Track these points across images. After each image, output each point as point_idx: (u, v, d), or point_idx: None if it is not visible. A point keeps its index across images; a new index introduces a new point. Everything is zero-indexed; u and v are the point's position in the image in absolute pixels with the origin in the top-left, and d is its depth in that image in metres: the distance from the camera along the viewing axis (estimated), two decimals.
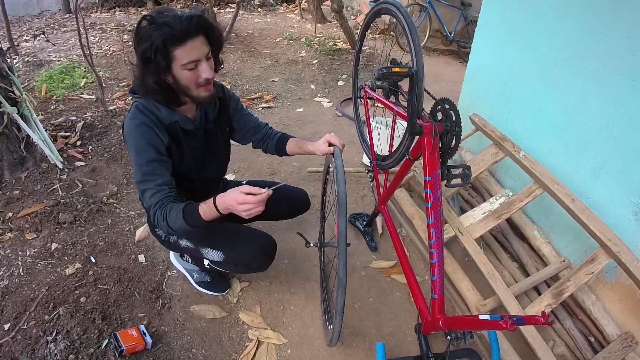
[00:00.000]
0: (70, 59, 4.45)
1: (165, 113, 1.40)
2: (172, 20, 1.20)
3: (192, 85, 1.34)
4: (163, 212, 1.33)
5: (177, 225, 1.32)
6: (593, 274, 1.65)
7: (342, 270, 1.24)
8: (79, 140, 2.83)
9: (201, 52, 1.29)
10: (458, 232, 1.84)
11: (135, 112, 1.37)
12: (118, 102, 3.56)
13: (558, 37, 1.87)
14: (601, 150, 1.73)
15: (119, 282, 1.83)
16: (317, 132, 3.39)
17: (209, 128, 1.58)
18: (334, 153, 1.50)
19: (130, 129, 1.37)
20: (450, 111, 1.33)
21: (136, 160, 1.36)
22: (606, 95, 1.67)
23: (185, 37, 1.23)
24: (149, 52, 1.21)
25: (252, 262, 1.56)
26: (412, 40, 1.38)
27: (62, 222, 2.12)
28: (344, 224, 1.27)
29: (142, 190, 1.37)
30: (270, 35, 5.90)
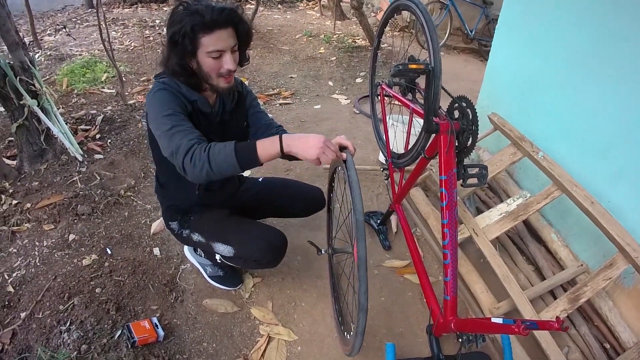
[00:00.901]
0: (92, 54, 4.53)
1: (185, 90, 1.42)
2: (205, 9, 1.26)
3: (213, 73, 1.37)
4: (205, 146, 1.25)
5: (222, 155, 1.23)
6: (611, 280, 1.61)
7: (364, 296, 1.21)
8: (99, 133, 2.89)
9: (227, 44, 1.34)
10: (473, 232, 1.81)
11: (157, 85, 1.41)
12: (138, 97, 3.61)
13: (577, 41, 1.83)
14: (621, 156, 1.69)
15: (133, 274, 1.86)
16: (333, 129, 3.38)
17: (225, 118, 1.59)
18: (347, 163, 1.38)
19: (151, 95, 1.39)
20: (467, 109, 1.31)
21: (162, 113, 1.33)
22: (626, 101, 1.63)
23: (214, 26, 1.28)
24: (177, 35, 1.27)
25: (262, 258, 1.56)
26: (430, 36, 1.36)
27: (80, 213, 2.16)
28: (364, 248, 1.22)
29: (171, 134, 1.29)
30: (289, 31, 5.90)
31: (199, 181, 1.30)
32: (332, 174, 1.73)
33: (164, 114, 1.33)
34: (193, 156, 1.24)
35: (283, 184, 1.97)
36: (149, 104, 1.40)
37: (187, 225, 1.68)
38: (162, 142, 1.33)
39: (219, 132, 1.57)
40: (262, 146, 1.26)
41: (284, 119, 3.53)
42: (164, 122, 1.32)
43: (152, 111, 1.37)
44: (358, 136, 3.27)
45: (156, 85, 1.42)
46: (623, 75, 1.63)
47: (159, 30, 5.59)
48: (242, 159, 1.24)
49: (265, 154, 1.26)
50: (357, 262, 1.22)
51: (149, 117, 1.40)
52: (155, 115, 1.35)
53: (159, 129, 1.34)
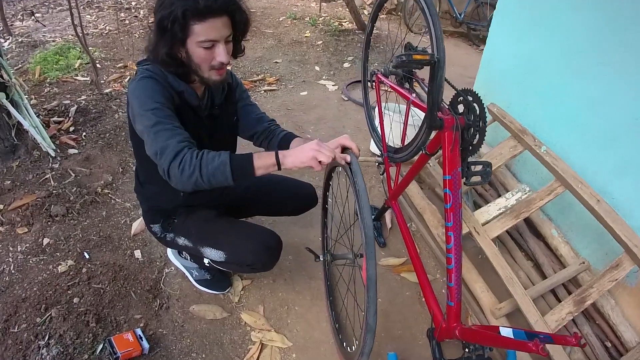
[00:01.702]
0: (66, 39, 4.27)
1: (172, 80, 1.30)
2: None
3: (204, 65, 1.25)
4: (196, 152, 1.16)
5: (215, 164, 1.14)
6: (617, 281, 1.55)
7: (372, 318, 1.12)
8: (72, 125, 2.69)
9: (221, 33, 1.22)
10: (474, 231, 1.73)
11: (141, 72, 1.28)
12: (114, 85, 3.42)
13: (582, 26, 1.74)
14: (627, 147, 1.61)
15: (113, 280, 1.73)
16: (322, 117, 3.25)
17: (214, 113, 1.46)
18: (352, 167, 1.25)
19: (137, 85, 1.25)
20: (473, 104, 1.21)
21: (147, 105, 1.21)
22: (634, 88, 1.55)
23: (207, 13, 1.17)
24: (166, 21, 1.16)
25: (256, 262, 1.46)
26: (433, 23, 1.24)
27: (54, 215, 2.00)
28: (374, 267, 1.12)
29: (157, 131, 1.18)
30: (273, 14, 5.68)
31: (184, 189, 1.19)
32: (330, 172, 1.62)
33: (149, 107, 1.20)
34: (182, 161, 1.14)
35: (272, 181, 1.84)
36: (132, 93, 1.25)
37: (171, 229, 1.55)
38: (146, 140, 1.21)
39: (207, 127, 1.44)
40: (258, 157, 1.19)
41: (269, 107, 3.39)
42: (148, 116, 1.20)
43: (136, 102, 1.23)
44: (348, 125, 3.16)
45: (140, 72, 1.28)
46: (631, 61, 1.54)
47: (135, 13, 5.33)
48: (236, 170, 1.17)
49: (260, 164, 1.18)
50: (367, 282, 1.11)
51: (132, 108, 1.26)
52: (139, 107, 1.22)
53: (142, 123, 1.21)
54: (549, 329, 1.52)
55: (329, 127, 3.12)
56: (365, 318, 1.12)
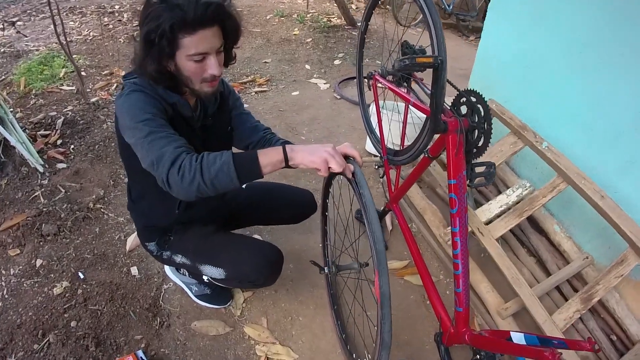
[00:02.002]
0: (50, 48, 4.15)
1: (162, 91, 1.22)
2: (187, 4, 1.06)
3: (195, 78, 1.18)
4: (195, 156, 1.08)
5: (218, 165, 1.06)
6: (622, 277, 1.53)
7: (388, 334, 1.08)
8: (60, 138, 2.61)
9: (212, 45, 1.15)
10: (478, 232, 1.70)
11: (128, 86, 1.20)
12: (100, 93, 3.33)
13: (586, 20, 1.69)
14: (632, 144, 1.58)
15: (111, 300, 1.68)
16: (315, 117, 3.20)
17: (207, 123, 1.40)
18: (357, 178, 1.18)
19: (125, 99, 1.18)
20: (477, 105, 1.17)
21: (138, 118, 1.13)
22: (637, 85, 1.51)
23: (197, 25, 1.09)
24: (153, 34, 1.08)
25: (258, 278, 1.41)
26: (433, 22, 1.20)
27: (45, 234, 1.94)
28: (387, 283, 1.07)
29: (151, 140, 1.10)
30: (259, 12, 5.59)
31: (187, 197, 1.09)
32: (330, 179, 1.57)
33: (141, 119, 1.12)
34: (182, 167, 1.05)
35: (269, 189, 1.79)
36: (120, 109, 1.18)
37: (167, 246, 1.50)
38: (140, 152, 1.12)
39: (201, 138, 1.37)
40: (264, 154, 1.10)
41: (261, 109, 3.33)
42: (140, 128, 1.11)
43: (126, 117, 1.15)
44: (342, 124, 3.11)
45: (128, 87, 1.20)
46: (636, 58, 1.51)
47: (119, 17, 5.22)
48: (241, 169, 1.07)
49: (267, 161, 1.09)
50: (380, 299, 1.07)
51: (121, 125, 1.18)
52: (129, 122, 1.14)
53: (134, 136, 1.13)
54: (557, 328, 1.50)
55: (323, 127, 3.06)
56: (380, 334, 1.09)
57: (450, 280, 1.90)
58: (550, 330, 1.48)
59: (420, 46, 1.57)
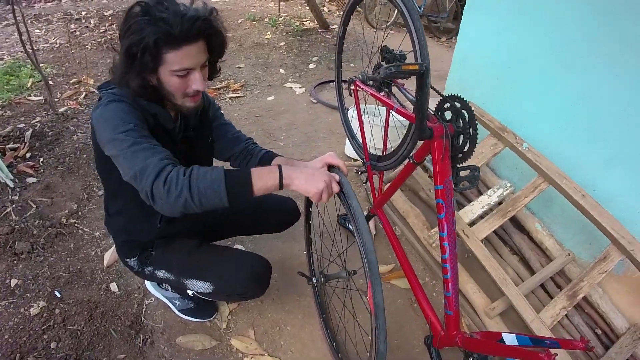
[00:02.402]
0: (15, 57, 4.00)
1: (144, 102, 1.17)
2: (172, 17, 1.02)
3: (178, 93, 1.15)
4: (182, 169, 1.03)
5: (207, 181, 1.01)
6: (606, 273, 1.57)
7: (383, 344, 1.07)
8: (29, 151, 2.49)
9: (196, 60, 1.11)
10: (463, 234, 1.72)
11: (106, 96, 1.14)
12: (69, 102, 3.22)
13: (563, 18, 1.72)
14: (615, 140, 1.62)
15: (90, 319, 1.61)
16: (292, 122, 3.18)
17: (189, 135, 1.35)
18: (344, 189, 1.15)
19: (103, 110, 1.11)
20: (462, 110, 1.18)
21: (118, 129, 1.06)
22: (621, 81, 1.55)
23: (183, 41, 1.05)
24: (135, 48, 1.03)
25: (246, 291, 1.38)
26: (415, 29, 1.20)
27: (19, 252, 1.84)
28: (380, 293, 1.05)
29: (133, 152, 1.04)
30: (230, 16, 5.53)
31: (172, 213, 1.03)
32: None
33: (122, 130, 1.06)
34: (168, 180, 1.00)
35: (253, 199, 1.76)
36: (98, 120, 1.11)
37: (149, 262, 1.44)
38: (123, 163, 1.06)
39: (183, 151, 1.32)
40: (258, 175, 1.05)
41: (237, 115, 3.29)
42: (122, 139, 1.05)
43: (106, 128, 1.08)
44: (320, 128, 3.10)
45: (106, 97, 1.14)
46: (618, 54, 1.54)
47: (86, 23, 5.07)
48: (232, 188, 1.02)
49: (261, 184, 1.05)
50: (374, 309, 1.05)
51: (101, 137, 1.11)
52: (110, 133, 1.07)
53: (115, 147, 1.06)
54: (545, 326, 1.52)
55: (301, 132, 3.05)
56: (376, 345, 1.08)
57: (437, 282, 1.91)
58: (539, 328, 1.50)
59: (401, 51, 1.57)
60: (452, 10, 5.72)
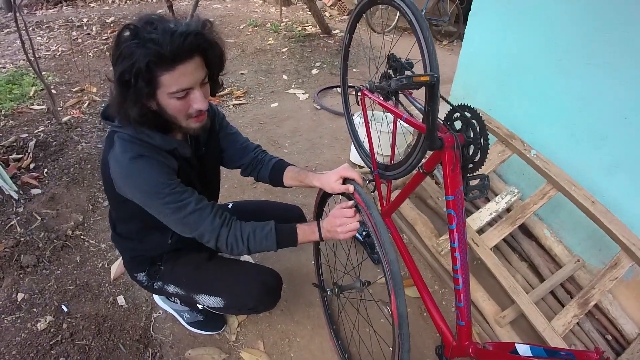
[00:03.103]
0: (17, 65, 4.00)
1: (160, 140, 1.14)
2: (161, 37, 0.96)
3: (180, 115, 1.09)
4: (237, 232, 1.20)
5: (263, 246, 1.22)
6: (616, 279, 1.56)
7: (407, 354, 1.08)
8: (33, 162, 2.49)
9: (194, 79, 1.05)
10: (472, 242, 1.70)
11: (123, 145, 1.11)
12: (72, 111, 3.22)
13: (566, 24, 1.71)
14: (617, 145, 1.61)
15: (98, 334, 1.60)
16: (296, 129, 3.17)
17: (201, 153, 1.34)
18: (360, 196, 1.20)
19: (126, 168, 1.10)
20: (472, 120, 1.16)
21: (156, 195, 1.11)
22: (624, 88, 1.54)
23: (176, 60, 0.99)
24: (128, 75, 0.97)
25: (258, 306, 1.38)
26: (425, 39, 1.18)
27: (25, 265, 1.83)
28: (404, 303, 1.06)
29: (181, 218, 1.15)
30: (232, 22, 5.53)
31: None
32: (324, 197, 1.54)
33: (157, 199, 1.12)
34: (228, 244, 1.19)
35: (257, 208, 1.74)
36: (123, 181, 1.12)
37: (158, 277, 1.43)
38: (172, 225, 1.19)
39: (197, 169, 1.32)
40: (303, 234, 1.24)
41: (240, 122, 3.28)
42: (160, 210, 1.15)
43: (134, 192, 1.13)
44: (324, 135, 3.09)
45: (120, 146, 1.11)
46: (620, 61, 1.53)
47: (88, 30, 5.07)
48: (281, 244, 1.23)
49: (305, 240, 1.26)
50: (398, 320, 1.06)
51: (126, 193, 1.15)
52: (142, 199, 1.14)
53: (159, 214, 1.17)
54: (557, 334, 1.51)
55: (305, 139, 3.03)
56: (399, 355, 1.08)
57: (446, 291, 1.90)
58: (551, 336, 1.49)
59: (408, 59, 1.56)
60: (454, 13, 5.72)
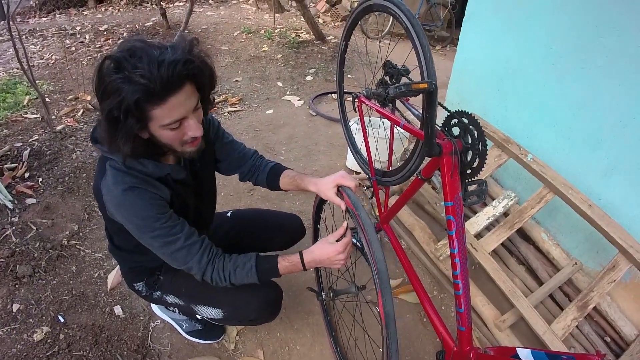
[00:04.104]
0: (11, 73, 3.98)
1: (152, 167, 1.11)
2: (147, 70, 0.89)
3: (175, 143, 1.06)
4: (221, 271, 1.20)
5: (245, 281, 1.22)
6: (615, 282, 1.56)
7: (395, 354, 1.06)
8: (27, 171, 2.47)
9: (186, 108, 1.00)
10: (471, 247, 1.71)
11: (115, 176, 1.07)
12: (66, 120, 3.19)
13: (561, 30, 1.73)
14: (613, 149, 1.63)
15: (95, 344, 1.58)
16: (292, 136, 3.16)
17: (196, 169, 1.31)
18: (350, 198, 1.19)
19: (118, 199, 1.07)
20: (470, 126, 1.17)
21: (146, 228, 1.11)
22: (618, 92, 1.56)
23: (167, 93, 0.93)
24: (117, 112, 0.92)
25: (259, 318, 1.37)
26: (421, 46, 1.19)
27: (20, 276, 1.81)
28: (391, 303, 1.06)
29: (170, 253, 1.16)
30: (226, 29, 5.54)
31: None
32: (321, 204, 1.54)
33: (147, 232, 1.11)
34: (213, 279, 1.21)
35: (256, 217, 1.73)
36: (115, 210, 1.10)
37: (157, 286, 1.42)
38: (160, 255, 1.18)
39: (193, 187, 1.30)
40: (284, 269, 1.23)
41: (236, 129, 3.27)
42: (149, 242, 1.14)
43: (126, 223, 1.12)
44: (320, 141, 3.09)
45: (113, 176, 1.07)
46: (613, 65, 1.55)
47: (81, 38, 5.06)
48: (263, 277, 1.23)
49: (286, 272, 1.24)
50: (384, 319, 1.05)
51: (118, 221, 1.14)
52: (133, 230, 1.13)
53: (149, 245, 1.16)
54: (556, 337, 1.51)
55: (301, 145, 3.03)
56: (388, 356, 1.07)
57: (445, 296, 1.90)
58: (551, 340, 1.49)
59: (404, 66, 1.57)
60: (446, 18, 5.77)
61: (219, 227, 1.64)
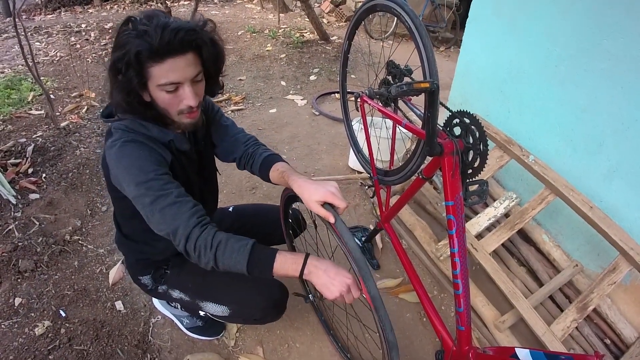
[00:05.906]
0: (16, 70, 4.00)
1: (156, 132, 1.15)
2: (153, 30, 0.98)
3: (171, 109, 1.11)
4: (210, 238, 1.06)
5: (232, 260, 1.06)
6: (615, 284, 1.56)
7: (391, 334, 1.05)
8: (31, 167, 2.48)
9: (184, 74, 1.06)
10: (472, 247, 1.71)
11: (119, 133, 1.12)
12: (71, 117, 3.21)
13: (563, 33, 1.73)
14: (615, 152, 1.63)
15: (96, 339, 1.59)
16: (295, 135, 3.17)
17: (200, 148, 1.33)
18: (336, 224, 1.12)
19: (118, 150, 1.10)
20: (472, 126, 1.18)
21: (138, 179, 1.07)
22: (620, 95, 1.56)
23: (165, 53, 1.01)
24: (120, 63, 1.01)
25: (264, 317, 1.37)
26: (424, 46, 1.20)
27: (22, 270, 1.82)
28: (374, 286, 1.05)
29: (160, 208, 1.07)
30: (231, 28, 5.55)
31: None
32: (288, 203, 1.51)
33: (142, 180, 1.07)
34: (197, 247, 1.06)
35: (257, 212, 1.75)
36: (116, 163, 1.10)
37: (163, 281, 1.42)
38: (149, 217, 1.10)
39: (197, 165, 1.32)
40: (281, 263, 1.08)
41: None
42: (144, 193, 1.07)
43: (125, 175, 1.09)
44: (322, 141, 3.09)
45: (116, 134, 1.12)
46: (616, 69, 1.55)
47: (86, 36, 5.08)
48: (253, 269, 1.08)
49: (282, 272, 1.09)
50: (372, 303, 1.04)
51: (117, 180, 1.12)
52: (131, 183, 1.08)
53: (139, 202, 1.09)
54: (556, 338, 1.51)
55: (304, 145, 3.04)
56: (384, 336, 1.07)
57: (445, 296, 1.90)
58: (550, 341, 1.49)
59: (407, 65, 1.57)
60: (450, 19, 5.76)
61: (221, 222, 1.64)
